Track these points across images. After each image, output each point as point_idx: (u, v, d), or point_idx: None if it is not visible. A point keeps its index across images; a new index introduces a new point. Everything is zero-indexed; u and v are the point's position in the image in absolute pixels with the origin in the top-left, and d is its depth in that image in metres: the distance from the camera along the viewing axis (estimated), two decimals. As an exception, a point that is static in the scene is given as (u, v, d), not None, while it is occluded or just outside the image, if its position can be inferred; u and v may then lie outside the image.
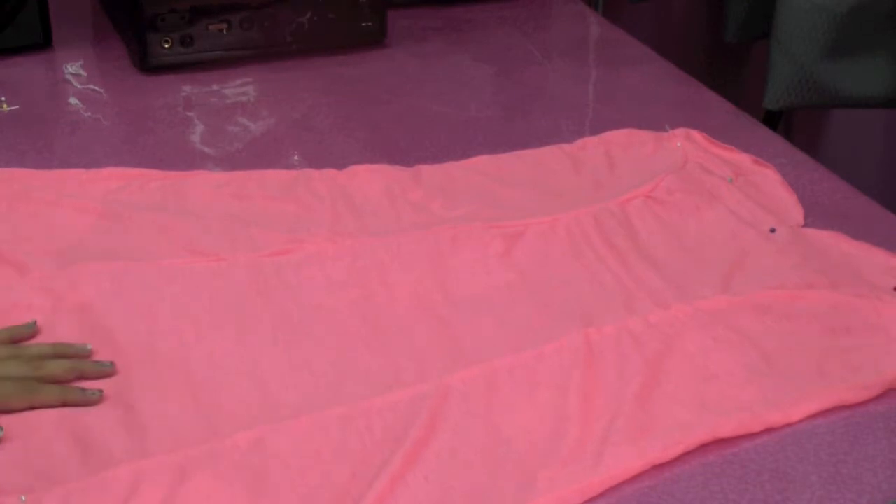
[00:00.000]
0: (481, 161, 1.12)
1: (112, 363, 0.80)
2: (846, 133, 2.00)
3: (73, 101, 1.23)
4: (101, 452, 0.73)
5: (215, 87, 1.28)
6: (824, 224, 1.03)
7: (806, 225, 1.03)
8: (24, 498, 0.68)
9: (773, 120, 1.68)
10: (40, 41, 1.32)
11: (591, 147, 1.15)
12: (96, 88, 1.26)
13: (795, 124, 2.01)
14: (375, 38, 1.39)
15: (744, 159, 1.12)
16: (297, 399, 0.79)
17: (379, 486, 0.70)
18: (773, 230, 1.00)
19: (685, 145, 1.15)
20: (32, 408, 0.76)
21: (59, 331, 0.84)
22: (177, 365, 0.81)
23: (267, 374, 0.81)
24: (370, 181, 1.06)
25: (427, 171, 1.09)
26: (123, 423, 0.76)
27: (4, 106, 1.20)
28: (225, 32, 1.30)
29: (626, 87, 1.35)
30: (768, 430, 0.79)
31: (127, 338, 0.83)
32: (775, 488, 0.74)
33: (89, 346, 0.82)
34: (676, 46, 1.93)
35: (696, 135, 1.16)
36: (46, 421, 0.76)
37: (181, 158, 1.12)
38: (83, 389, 0.78)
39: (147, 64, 1.28)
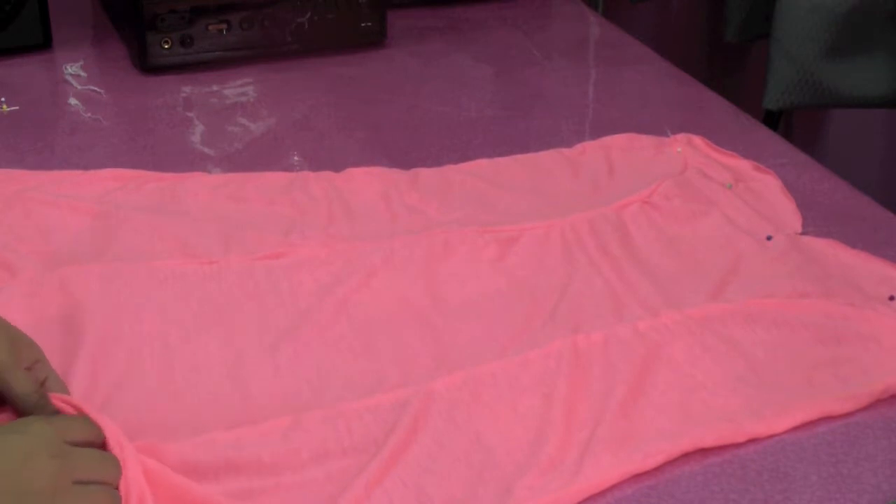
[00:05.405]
0: (479, 165, 1.11)
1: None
2: (846, 133, 2.00)
3: (73, 101, 1.23)
4: None
5: (215, 88, 1.28)
6: (824, 224, 1.03)
7: (806, 225, 1.03)
8: None
9: (773, 120, 1.69)
10: (40, 41, 1.32)
11: (591, 152, 1.14)
12: (96, 89, 1.26)
13: (795, 124, 2.01)
14: (375, 38, 1.39)
15: (745, 165, 1.11)
16: (278, 402, 0.78)
17: (355, 489, 0.70)
18: (769, 238, 0.99)
19: (686, 150, 1.14)
20: None
21: (44, 333, 0.82)
22: (159, 367, 0.81)
23: (250, 377, 0.80)
24: (367, 184, 1.05)
25: (424, 174, 1.08)
26: None
27: (4, 107, 1.20)
28: (225, 32, 1.30)
29: (626, 88, 1.35)
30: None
31: (111, 340, 0.83)
32: (775, 488, 0.74)
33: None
34: (676, 46, 1.93)
35: (698, 140, 1.15)
36: None
37: (181, 159, 1.11)
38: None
39: (147, 64, 1.28)
